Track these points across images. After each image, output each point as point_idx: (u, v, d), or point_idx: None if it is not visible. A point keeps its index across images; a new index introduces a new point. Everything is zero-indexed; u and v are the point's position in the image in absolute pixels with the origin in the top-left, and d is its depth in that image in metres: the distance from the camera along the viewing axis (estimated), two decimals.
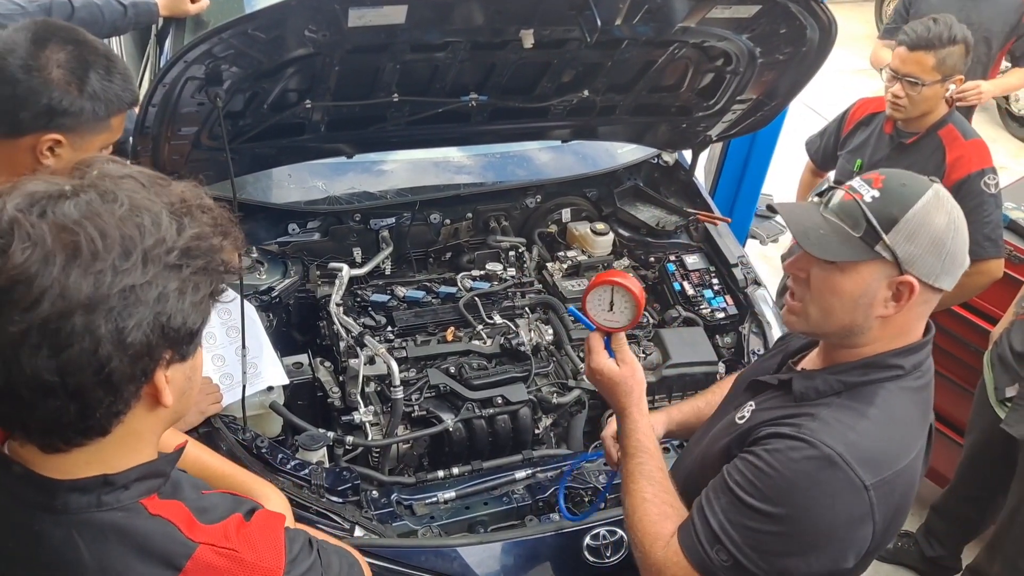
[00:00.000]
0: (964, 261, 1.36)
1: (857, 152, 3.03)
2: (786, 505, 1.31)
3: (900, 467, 1.35)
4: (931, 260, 1.32)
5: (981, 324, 3.02)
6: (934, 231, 1.32)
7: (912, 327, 1.40)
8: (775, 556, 1.32)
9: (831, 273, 1.37)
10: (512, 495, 2.13)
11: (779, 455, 1.33)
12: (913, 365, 1.40)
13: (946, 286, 1.35)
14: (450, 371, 2.35)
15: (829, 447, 1.30)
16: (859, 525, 1.32)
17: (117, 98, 1.69)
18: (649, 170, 3.14)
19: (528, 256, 2.86)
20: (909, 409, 1.41)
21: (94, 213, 0.88)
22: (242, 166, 2.42)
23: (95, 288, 0.85)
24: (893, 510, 1.36)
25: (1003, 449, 2.72)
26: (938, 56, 2.69)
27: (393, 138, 2.56)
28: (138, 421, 0.96)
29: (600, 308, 1.60)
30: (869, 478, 1.30)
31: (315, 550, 1.07)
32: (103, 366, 0.87)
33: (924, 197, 1.33)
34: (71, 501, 0.94)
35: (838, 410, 1.37)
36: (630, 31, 2.23)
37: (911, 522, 3.43)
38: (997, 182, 2.80)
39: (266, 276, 2.48)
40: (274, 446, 2.05)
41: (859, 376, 1.40)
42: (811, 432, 1.33)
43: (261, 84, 2.10)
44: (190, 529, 0.97)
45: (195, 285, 0.93)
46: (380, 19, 1.86)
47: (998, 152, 6.37)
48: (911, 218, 1.32)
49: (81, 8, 2.51)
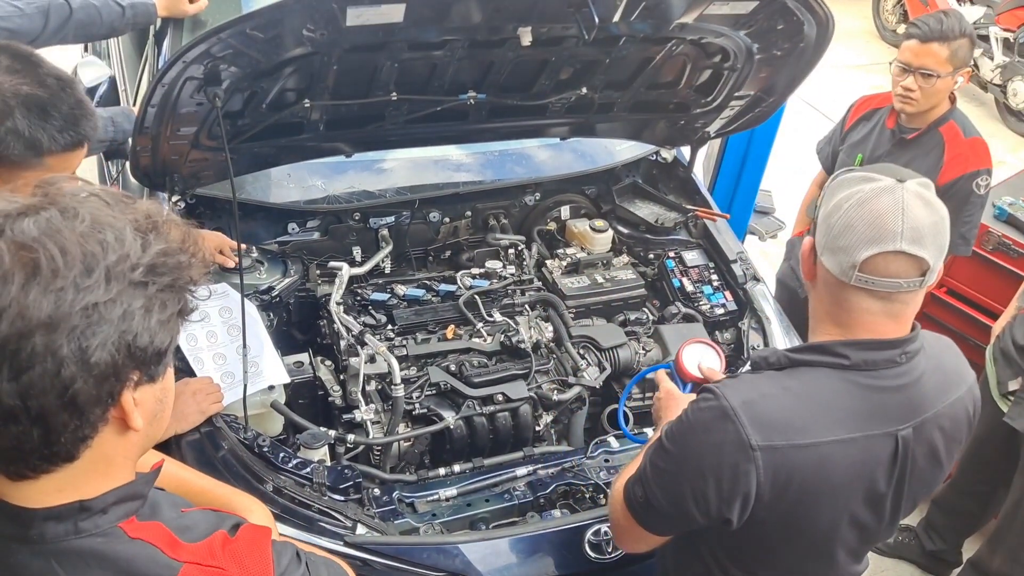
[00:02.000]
0: (847, 245, 1.34)
1: (858, 147, 3.03)
2: (681, 446, 1.43)
3: (799, 442, 1.37)
4: (822, 228, 1.39)
5: (982, 319, 3.03)
6: (832, 205, 1.38)
7: (838, 315, 1.42)
8: (671, 493, 1.44)
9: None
10: (513, 492, 2.14)
11: (693, 404, 1.46)
12: (864, 361, 1.40)
13: (827, 263, 1.38)
14: (450, 369, 2.36)
15: (728, 401, 1.38)
16: (742, 477, 1.37)
17: (50, 139, 1.56)
18: (648, 167, 3.14)
19: (527, 254, 2.86)
20: (840, 398, 1.40)
21: (54, 230, 0.85)
22: (241, 165, 2.42)
23: (56, 307, 0.82)
24: (784, 480, 1.37)
25: (1005, 443, 2.73)
26: (951, 48, 2.70)
27: (392, 137, 2.56)
28: (108, 446, 0.93)
29: (693, 364, 1.89)
30: (757, 438, 1.36)
31: (303, 563, 1.04)
32: (66, 388, 0.84)
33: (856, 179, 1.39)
34: (47, 530, 0.91)
35: (759, 376, 1.46)
36: (628, 28, 2.23)
37: (912, 516, 3.44)
38: (988, 183, 2.82)
39: (266, 275, 2.48)
40: (275, 445, 2.06)
41: (805, 355, 1.45)
42: (720, 387, 1.42)
43: (260, 83, 2.10)
44: (173, 549, 0.95)
45: (162, 303, 0.90)
46: (378, 18, 1.86)
47: (996, 147, 6.35)
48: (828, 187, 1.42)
49: (79, 9, 2.51)
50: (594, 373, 2.44)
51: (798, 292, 3.16)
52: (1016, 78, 6.46)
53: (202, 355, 2.14)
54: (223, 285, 2.23)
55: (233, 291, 2.21)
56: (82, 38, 2.66)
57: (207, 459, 1.95)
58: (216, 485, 1.59)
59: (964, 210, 2.79)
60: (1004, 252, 2.98)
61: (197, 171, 2.34)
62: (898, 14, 7.82)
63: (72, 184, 0.93)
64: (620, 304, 2.72)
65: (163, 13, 2.62)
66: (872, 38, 8.12)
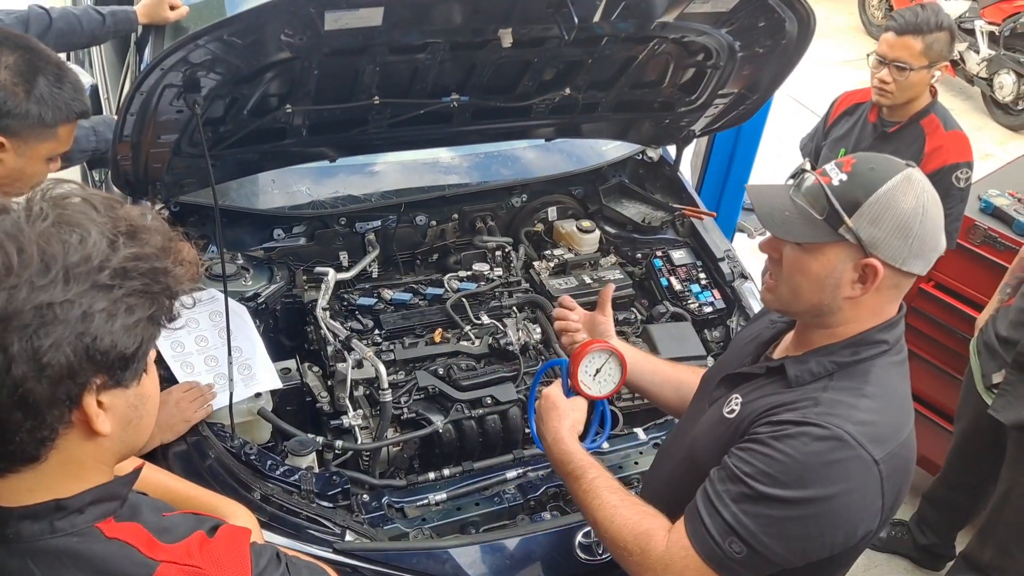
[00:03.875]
0: (937, 245, 1.36)
1: (841, 141, 3.04)
2: (805, 488, 1.30)
3: (902, 438, 1.37)
4: (897, 243, 1.32)
5: (967, 311, 3.03)
6: (900, 214, 1.32)
7: (884, 308, 1.41)
8: (795, 540, 1.33)
9: (799, 254, 1.40)
10: (503, 495, 2.13)
11: (790, 441, 1.33)
12: (895, 339, 1.43)
13: (917, 270, 1.36)
14: (439, 372, 2.35)
15: (838, 427, 1.31)
16: (872, 500, 1.33)
17: (66, 106, 1.70)
18: (634, 166, 3.14)
19: (515, 255, 2.85)
20: (899, 382, 1.43)
21: (16, 231, 0.85)
22: (224, 172, 2.41)
23: (6, 303, 0.82)
24: (900, 482, 1.38)
25: (992, 435, 2.74)
26: (926, 41, 2.71)
27: (376, 141, 2.55)
28: (76, 449, 0.92)
29: (587, 373, 1.70)
30: (878, 453, 1.32)
31: (283, 564, 1.04)
32: (17, 386, 0.83)
33: (892, 180, 1.33)
34: (23, 529, 0.90)
35: (836, 391, 1.38)
36: (609, 28, 2.23)
37: (904, 511, 3.44)
38: (969, 176, 2.83)
39: (252, 282, 2.47)
40: (263, 452, 2.05)
41: (849, 355, 1.41)
42: (817, 415, 1.33)
43: (240, 90, 2.09)
44: (150, 549, 0.94)
45: (128, 307, 0.89)
46: (357, 21, 1.85)
47: (983, 140, 6.41)
48: (875, 202, 1.32)
49: (59, 19, 2.50)
50: None
51: None
52: (1002, 71, 6.49)
53: (192, 359, 2.13)
54: (211, 291, 2.22)
55: (222, 296, 2.20)
56: (63, 47, 2.65)
57: (194, 468, 1.94)
58: (200, 491, 1.59)
59: (945, 203, 2.78)
60: (990, 245, 2.99)
61: (180, 179, 2.33)
62: (884, 9, 7.84)
63: (66, 187, 0.93)
64: None
65: (144, 20, 2.61)
66: (858, 33, 8.14)
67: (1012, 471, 2.68)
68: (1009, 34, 6.39)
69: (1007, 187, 3.15)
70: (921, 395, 3.33)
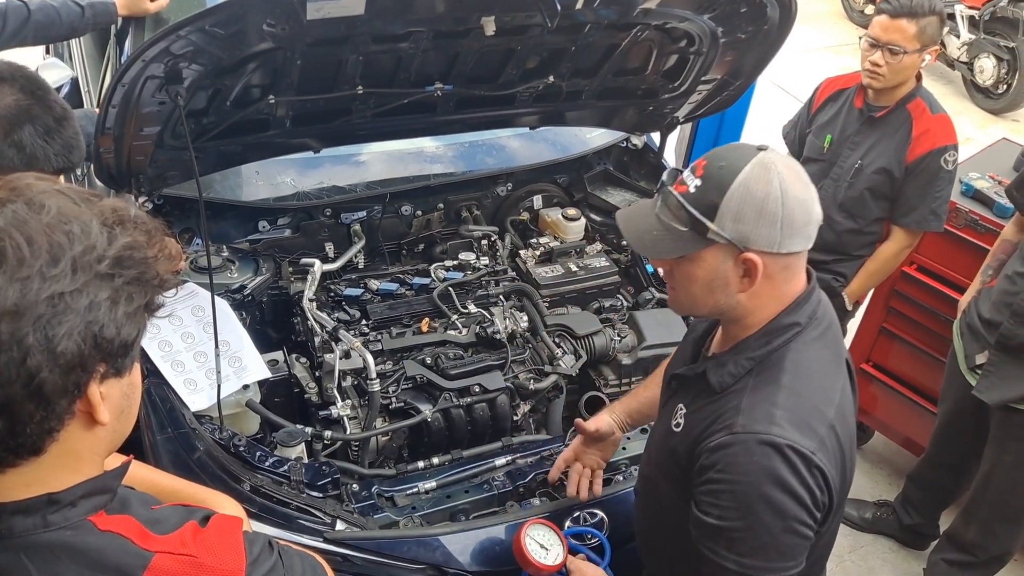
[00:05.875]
0: (810, 218, 1.35)
1: (827, 127, 3.06)
2: (757, 503, 1.33)
3: (831, 415, 1.39)
4: (766, 231, 1.33)
5: (949, 293, 3.06)
6: (759, 203, 1.32)
7: (783, 291, 1.41)
8: (783, 551, 1.35)
9: (682, 264, 1.42)
10: (492, 482, 2.14)
11: (730, 468, 1.35)
12: (808, 316, 1.42)
13: (798, 247, 1.36)
14: (426, 362, 2.36)
15: (766, 434, 1.33)
16: (820, 488, 1.35)
17: (46, 159, 1.64)
18: (619, 154, 3.14)
19: (501, 244, 2.86)
20: (818, 357, 1.43)
21: (20, 221, 0.86)
22: (208, 164, 2.40)
23: (22, 295, 0.83)
24: (841, 457, 1.40)
25: (975, 416, 2.77)
26: (919, 24, 2.72)
27: (360, 131, 2.54)
28: (75, 440, 0.93)
29: (536, 549, 1.79)
30: (810, 443, 1.33)
31: (275, 552, 1.05)
32: (32, 377, 0.84)
33: (743, 172, 1.33)
34: (16, 524, 0.90)
35: (754, 392, 1.39)
36: (592, 15, 2.23)
37: (888, 491, 3.48)
38: (956, 159, 2.86)
39: (237, 274, 2.46)
40: (252, 444, 2.05)
41: (763, 347, 1.42)
42: (743, 427, 1.35)
43: (223, 81, 2.08)
44: (144, 540, 0.95)
45: (128, 295, 0.90)
46: (339, 11, 1.85)
47: (964, 124, 6.45)
48: (730, 199, 1.32)
49: (37, 11, 2.47)
50: (570, 361, 2.45)
51: None
52: (982, 55, 6.53)
53: (181, 357, 2.12)
54: (191, 285, 2.21)
55: (202, 290, 2.20)
56: (42, 39, 2.62)
57: (182, 460, 1.94)
58: (187, 485, 1.59)
59: (934, 185, 2.83)
60: (972, 228, 3.01)
61: (163, 171, 2.32)
62: None
63: (38, 182, 0.93)
64: (594, 291, 2.73)
65: (124, 12, 2.59)
66: (840, 19, 8.17)
67: (995, 451, 2.71)
68: (989, 18, 6.43)
69: (988, 170, 3.17)
70: (905, 377, 3.37)
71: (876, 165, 2.87)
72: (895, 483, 3.50)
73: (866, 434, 3.67)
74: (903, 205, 2.90)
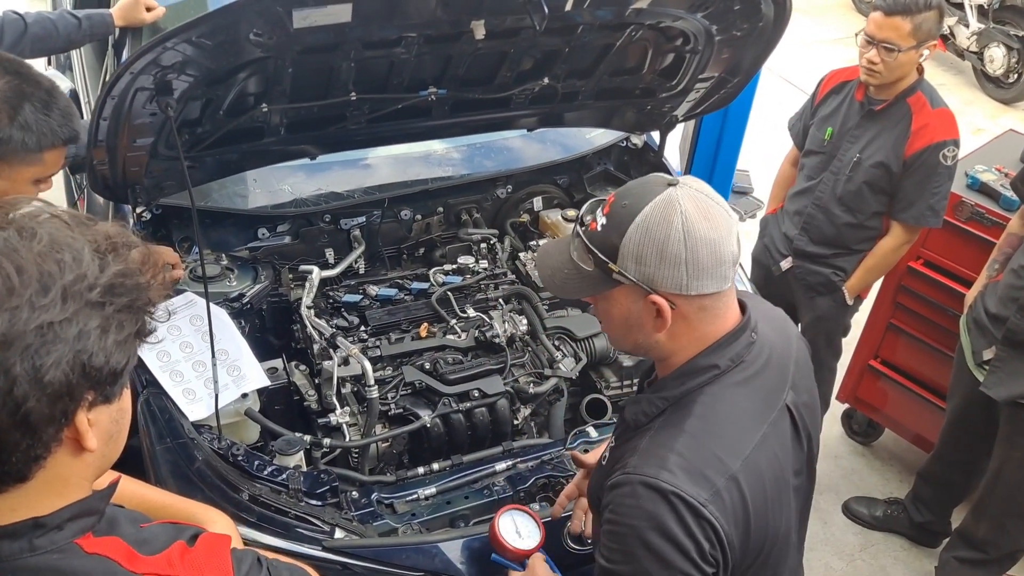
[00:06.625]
0: (720, 258, 1.27)
1: (828, 120, 3.02)
2: (639, 548, 1.26)
3: (735, 467, 1.30)
4: (670, 273, 1.26)
5: (956, 288, 3.02)
6: (659, 245, 1.25)
7: (703, 332, 1.34)
8: None
9: (599, 302, 1.39)
10: (493, 487, 2.13)
11: (618, 509, 1.30)
12: (731, 359, 1.35)
13: (710, 289, 1.29)
14: (425, 367, 2.35)
15: (653, 479, 1.26)
16: (710, 542, 1.27)
17: (51, 132, 1.69)
18: (619, 154, 3.13)
19: (500, 247, 2.85)
20: (737, 404, 1.36)
21: (11, 249, 0.86)
22: (205, 173, 2.40)
23: (10, 325, 0.83)
24: (745, 513, 1.30)
25: (984, 412, 2.73)
26: (914, 21, 2.68)
27: (356, 137, 2.54)
28: (62, 466, 0.92)
29: (512, 534, 1.80)
30: (702, 494, 1.25)
31: (264, 568, 1.04)
32: (19, 406, 0.84)
33: (644, 211, 1.27)
34: (2, 548, 0.90)
35: (657, 433, 1.33)
36: (584, 15, 2.21)
37: (899, 489, 3.45)
38: (956, 154, 2.81)
39: (236, 283, 2.46)
40: (250, 453, 2.05)
41: (677, 388, 1.36)
42: (634, 468, 1.29)
43: (214, 90, 2.08)
44: (131, 562, 0.94)
45: (119, 323, 0.90)
46: (326, 18, 1.84)
47: (975, 114, 6.38)
48: (629, 240, 1.27)
49: (34, 24, 2.49)
50: (570, 364, 2.44)
51: (772, 269, 3.16)
52: (992, 45, 6.45)
53: (180, 367, 2.12)
54: (189, 294, 2.21)
55: (201, 299, 2.20)
56: (39, 52, 2.64)
57: (181, 470, 1.94)
58: (177, 500, 1.58)
59: (932, 181, 2.79)
60: (978, 221, 2.97)
61: (159, 181, 2.33)
62: None
63: (33, 205, 0.94)
64: None
65: (120, 23, 2.59)
66: (847, 11, 8.09)
67: (1004, 447, 2.68)
68: (998, 7, 6.35)
69: (994, 162, 3.13)
70: (914, 373, 3.33)
71: (875, 159, 2.84)
72: (906, 480, 3.47)
73: (876, 431, 3.64)
74: (901, 200, 2.86)
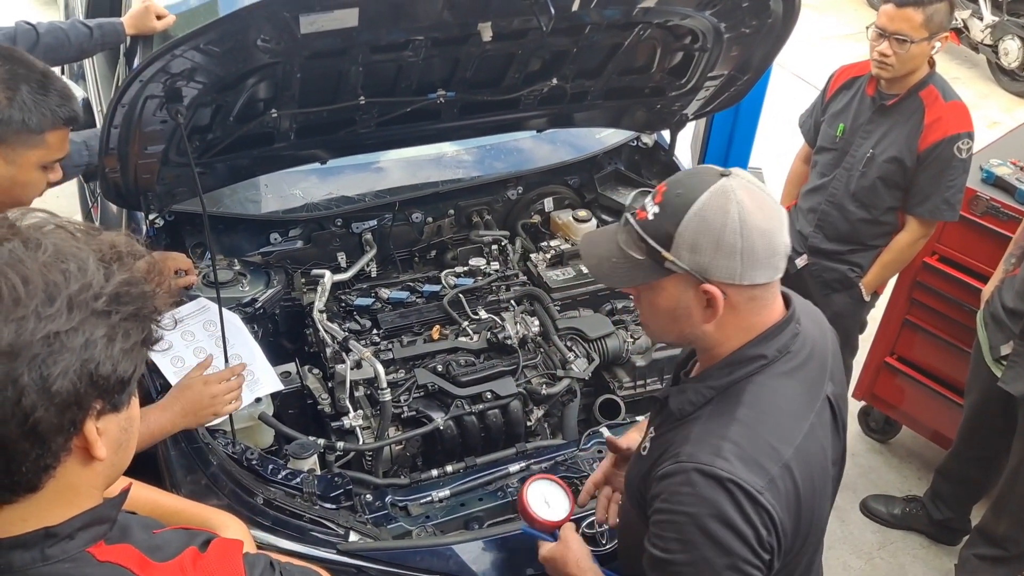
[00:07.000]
0: (774, 249, 1.29)
1: (839, 116, 3.01)
2: (698, 537, 1.27)
3: (787, 455, 1.31)
4: (725, 263, 1.27)
5: (972, 283, 3.00)
6: (715, 234, 1.26)
7: (751, 322, 1.35)
8: None
9: (645, 292, 1.38)
10: (507, 489, 2.13)
11: (672, 498, 1.30)
12: (778, 350, 1.36)
13: (762, 279, 1.30)
14: (437, 369, 2.35)
15: (709, 466, 1.27)
16: (767, 528, 1.28)
17: (51, 112, 1.73)
18: (629, 153, 3.12)
19: (511, 248, 2.85)
20: (784, 394, 1.36)
21: (16, 260, 0.86)
22: (216, 179, 2.42)
23: (17, 335, 0.83)
24: (796, 501, 1.32)
25: (1002, 408, 2.71)
26: (926, 13, 2.66)
27: (365, 140, 2.55)
28: (73, 476, 0.93)
29: (540, 505, 1.80)
30: (758, 481, 1.26)
31: (277, 572, 1.05)
32: (27, 416, 0.84)
33: (700, 201, 1.27)
34: (15, 559, 0.90)
35: (708, 421, 1.34)
36: (592, 15, 2.21)
37: (918, 486, 3.42)
38: (971, 147, 2.79)
39: (249, 288, 2.48)
40: (264, 457, 2.06)
41: (724, 377, 1.36)
42: (688, 457, 1.30)
43: (224, 97, 2.10)
44: (143, 570, 0.94)
45: (125, 332, 0.90)
46: (333, 23, 1.85)
47: (990, 107, 6.32)
48: (685, 229, 1.28)
49: (46, 34, 2.51)
50: (583, 364, 2.43)
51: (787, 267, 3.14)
52: (1006, 37, 6.40)
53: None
54: (202, 300, 2.23)
55: (214, 305, 2.21)
56: (52, 62, 2.63)
57: (195, 475, 1.95)
58: (190, 505, 1.59)
59: (946, 174, 2.77)
60: (993, 215, 2.95)
61: (171, 188, 2.34)
62: None
63: (38, 216, 0.94)
64: (606, 293, 2.71)
65: (131, 31, 2.61)
66: (860, 5, 8.04)
67: (1022, 443, 2.65)
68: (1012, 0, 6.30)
69: (1009, 156, 3.10)
70: (931, 369, 3.30)
71: (888, 154, 2.82)
72: (924, 478, 3.44)
73: (893, 428, 3.61)
74: (916, 194, 2.84)
